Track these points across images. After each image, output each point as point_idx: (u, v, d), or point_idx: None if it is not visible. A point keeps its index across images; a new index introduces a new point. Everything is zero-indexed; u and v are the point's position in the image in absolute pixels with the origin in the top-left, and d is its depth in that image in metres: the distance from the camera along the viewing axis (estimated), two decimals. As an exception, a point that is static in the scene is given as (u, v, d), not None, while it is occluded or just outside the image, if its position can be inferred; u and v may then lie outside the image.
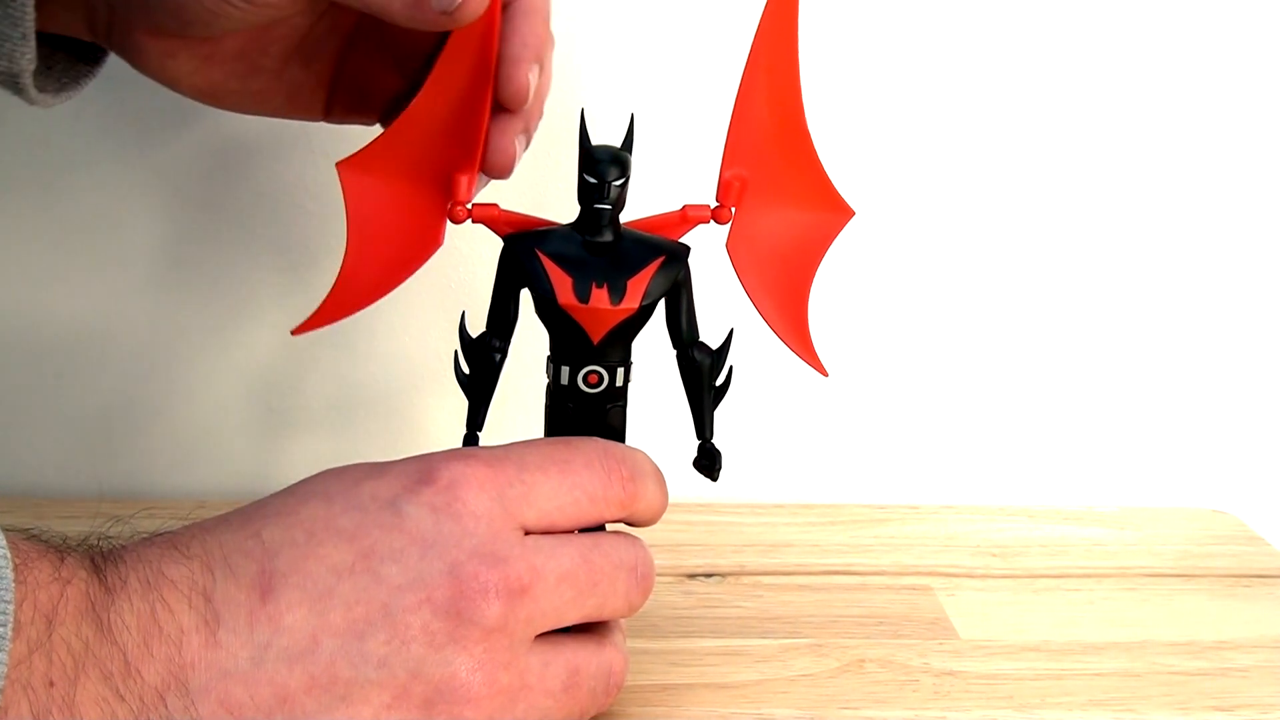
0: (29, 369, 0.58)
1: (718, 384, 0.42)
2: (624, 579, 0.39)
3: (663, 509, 0.41)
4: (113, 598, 0.33)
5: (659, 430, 0.46)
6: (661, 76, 0.56)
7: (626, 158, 0.39)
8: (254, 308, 0.58)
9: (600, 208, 0.39)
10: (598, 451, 0.39)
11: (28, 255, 0.57)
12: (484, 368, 0.41)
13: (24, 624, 0.31)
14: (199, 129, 0.56)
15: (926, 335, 0.60)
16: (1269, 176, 0.59)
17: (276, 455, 0.60)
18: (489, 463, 0.37)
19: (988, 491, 0.61)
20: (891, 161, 0.58)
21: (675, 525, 0.55)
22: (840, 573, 0.53)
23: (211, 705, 0.33)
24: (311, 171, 0.56)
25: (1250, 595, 0.52)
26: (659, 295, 0.40)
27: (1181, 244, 0.60)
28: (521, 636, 0.36)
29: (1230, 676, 0.45)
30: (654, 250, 0.40)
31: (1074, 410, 0.61)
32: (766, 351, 0.59)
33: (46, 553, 0.33)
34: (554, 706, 0.38)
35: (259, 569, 0.34)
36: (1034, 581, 0.52)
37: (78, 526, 0.36)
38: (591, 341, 0.40)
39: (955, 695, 0.43)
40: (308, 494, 0.37)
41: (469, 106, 0.39)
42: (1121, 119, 0.58)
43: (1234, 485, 0.62)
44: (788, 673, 0.45)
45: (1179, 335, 0.61)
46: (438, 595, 0.35)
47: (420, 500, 0.36)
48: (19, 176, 0.56)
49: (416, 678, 0.35)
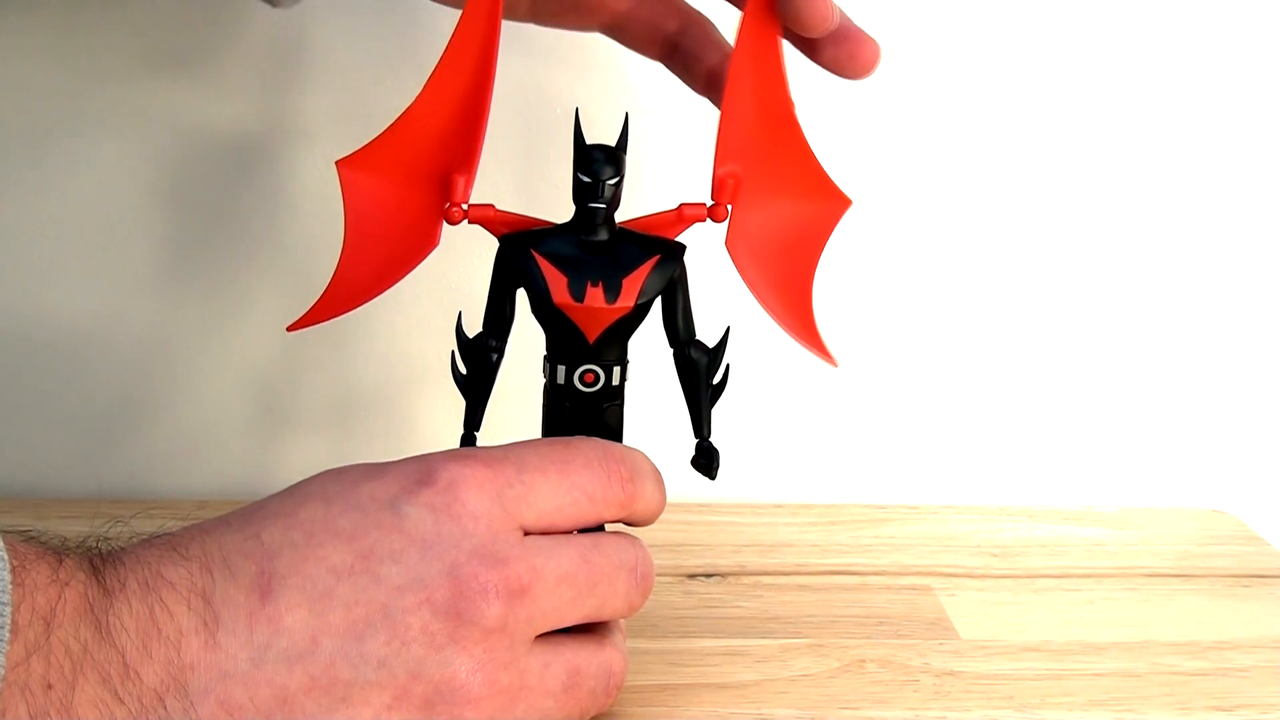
0: (29, 369, 0.58)
1: (715, 382, 0.42)
2: (624, 579, 0.39)
3: (661, 509, 0.41)
4: (111, 600, 0.33)
5: (657, 429, 0.46)
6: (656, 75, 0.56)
7: (621, 156, 0.39)
8: (253, 308, 0.58)
9: (595, 206, 0.39)
10: (596, 452, 0.39)
11: (27, 255, 0.57)
12: (481, 368, 0.41)
13: (22, 626, 0.31)
14: (199, 129, 0.56)
15: (926, 335, 0.60)
16: (1268, 177, 0.59)
17: (276, 456, 0.60)
18: (488, 463, 0.37)
19: (988, 491, 0.61)
20: (892, 160, 0.58)
21: (675, 525, 0.55)
22: (840, 573, 0.53)
23: (211, 707, 0.33)
24: (311, 172, 0.56)
25: (1250, 595, 0.52)
26: (654, 294, 0.40)
27: (1181, 244, 0.60)
28: (521, 637, 0.36)
29: (1230, 676, 0.45)
30: (649, 249, 0.40)
31: (1074, 410, 0.61)
32: (767, 351, 0.59)
33: (45, 555, 0.33)
34: (554, 707, 0.37)
35: (258, 570, 0.34)
36: (1034, 581, 0.52)
37: (77, 526, 0.36)
38: (587, 340, 0.40)
39: (955, 695, 0.43)
40: (306, 495, 0.37)
41: (469, 107, 0.39)
42: (1122, 119, 0.58)
43: (1234, 485, 0.62)
44: (788, 673, 0.45)
45: (1178, 335, 0.61)
46: (437, 596, 0.35)
47: (419, 501, 0.36)
48: (19, 177, 0.56)
49: (416, 678, 0.35)
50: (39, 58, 0.55)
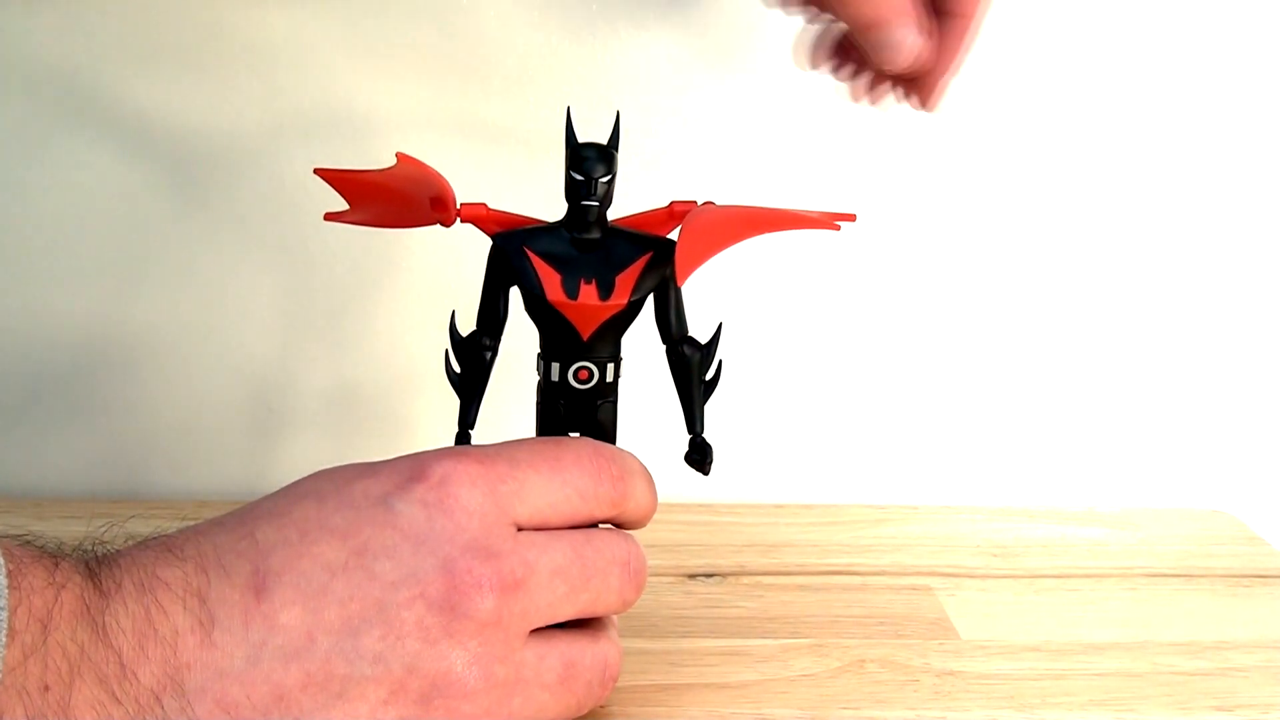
0: (29, 369, 0.58)
1: (707, 378, 0.42)
2: (617, 574, 0.39)
3: (652, 510, 0.41)
4: (107, 601, 0.33)
5: (650, 426, 0.46)
6: (648, 75, 0.56)
7: (613, 154, 0.39)
8: (253, 308, 0.58)
9: (587, 204, 0.39)
10: (588, 450, 0.39)
11: (27, 255, 0.57)
12: (474, 366, 0.41)
13: (19, 629, 0.31)
14: (199, 129, 0.56)
15: (927, 336, 0.60)
16: (1268, 178, 0.59)
17: (274, 455, 0.60)
18: (480, 460, 0.37)
19: (988, 492, 0.61)
20: (891, 163, 0.58)
21: (676, 525, 0.55)
22: (841, 573, 0.53)
23: (208, 705, 0.33)
24: (310, 173, 0.56)
25: (1250, 595, 0.52)
26: (647, 291, 0.40)
27: (1181, 245, 0.60)
28: (516, 630, 0.36)
29: (1231, 676, 0.45)
30: (642, 246, 0.40)
31: (1075, 411, 0.61)
32: (767, 351, 0.59)
33: (41, 558, 0.33)
34: (550, 700, 0.38)
35: (253, 569, 0.34)
36: (1035, 582, 0.52)
37: (76, 527, 0.36)
38: (581, 338, 0.40)
39: (956, 695, 0.43)
40: (300, 494, 0.37)
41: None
42: (1122, 121, 0.58)
43: (1234, 485, 0.62)
44: (788, 673, 0.45)
45: (1179, 336, 0.61)
46: (431, 590, 0.35)
47: (412, 497, 0.36)
48: (19, 177, 0.56)
49: (412, 673, 0.35)
50: (39, 58, 0.55)
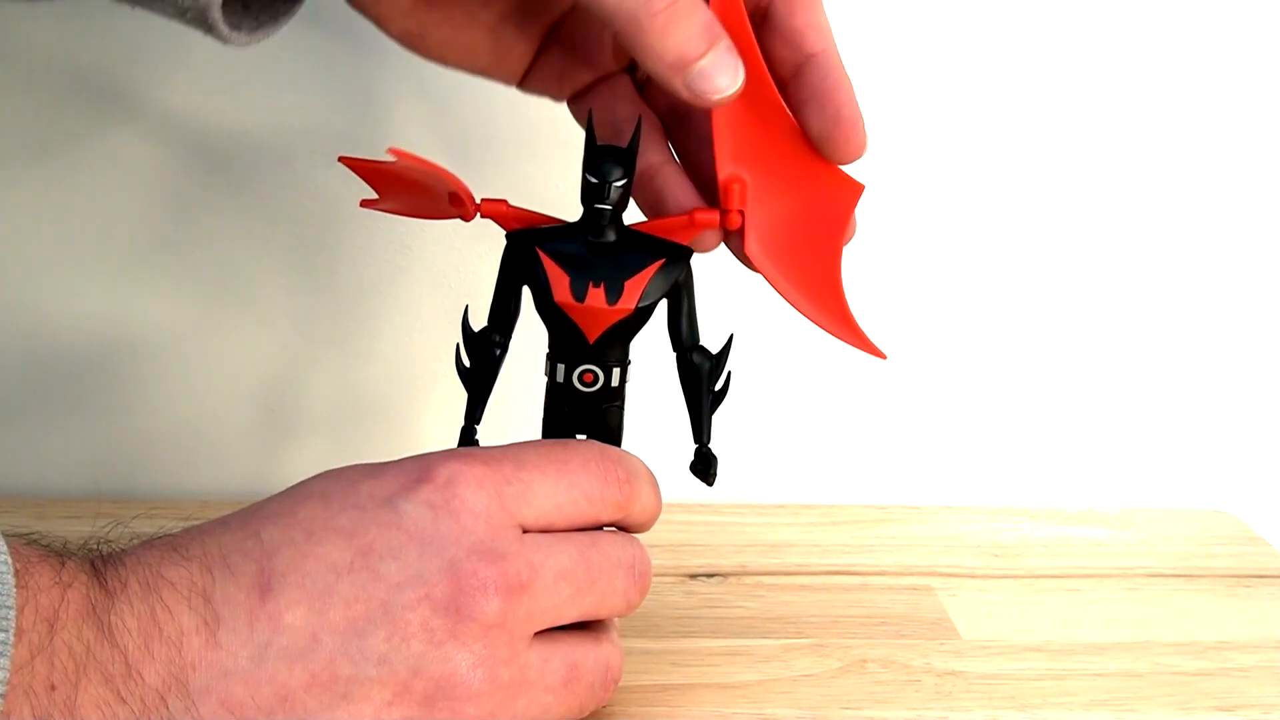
0: (30, 370, 0.58)
1: (716, 389, 0.41)
2: (622, 577, 0.39)
3: (657, 514, 0.41)
4: (113, 600, 0.33)
5: (657, 432, 0.46)
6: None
7: (629, 158, 0.39)
8: (255, 309, 0.58)
9: (601, 207, 0.39)
10: (594, 453, 0.39)
11: (28, 255, 0.57)
12: (484, 362, 0.41)
13: (25, 629, 0.31)
14: (200, 130, 0.56)
15: (927, 336, 0.60)
16: (1268, 178, 0.59)
17: (278, 456, 0.60)
18: (486, 461, 0.37)
19: (988, 491, 0.61)
20: (893, 161, 0.58)
21: (676, 525, 0.55)
22: (842, 573, 0.53)
23: (212, 705, 0.33)
24: (313, 173, 0.56)
25: (1251, 595, 0.52)
26: (657, 297, 0.40)
27: (1181, 246, 0.60)
28: (521, 633, 0.36)
29: (1232, 676, 0.45)
30: (655, 252, 0.40)
31: (1075, 411, 0.61)
32: (768, 351, 0.59)
33: (47, 557, 0.33)
34: (554, 702, 0.38)
35: (258, 569, 0.34)
36: (1035, 582, 0.52)
37: (79, 527, 0.36)
38: (587, 340, 0.40)
39: (957, 695, 0.43)
40: (306, 494, 0.37)
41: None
42: (1122, 120, 0.58)
43: (1234, 485, 0.62)
44: (789, 673, 0.45)
45: (1179, 336, 0.61)
46: (437, 592, 0.35)
47: (418, 498, 0.36)
48: (20, 177, 0.56)
49: (417, 674, 0.35)
50: (39, 58, 0.55)
